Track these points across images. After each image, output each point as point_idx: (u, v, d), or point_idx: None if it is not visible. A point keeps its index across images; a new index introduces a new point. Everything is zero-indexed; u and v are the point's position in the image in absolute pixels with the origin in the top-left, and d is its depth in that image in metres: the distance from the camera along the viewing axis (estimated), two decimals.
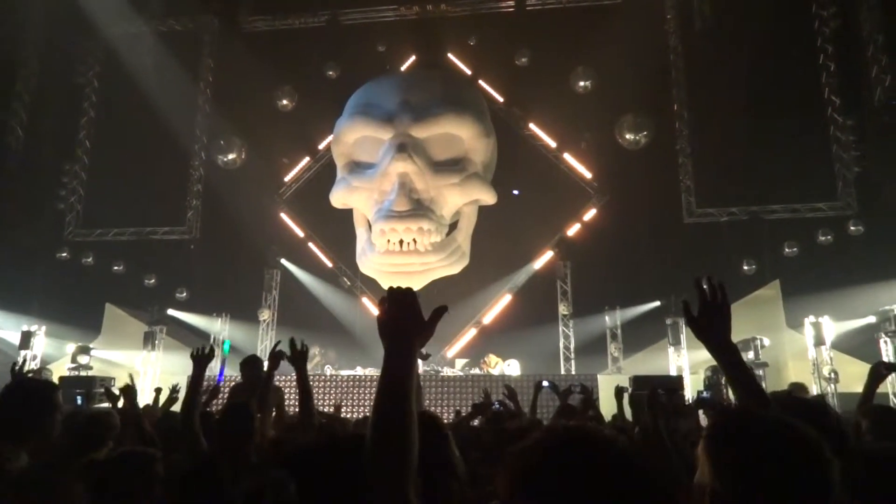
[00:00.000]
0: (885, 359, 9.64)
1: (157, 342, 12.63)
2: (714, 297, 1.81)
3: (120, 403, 4.27)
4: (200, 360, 3.45)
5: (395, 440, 1.23)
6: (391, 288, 1.44)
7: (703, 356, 5.73)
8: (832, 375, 10.34)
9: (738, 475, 1.13)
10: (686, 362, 11.44)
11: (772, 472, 1.09)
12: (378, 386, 1.31)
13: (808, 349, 10.85)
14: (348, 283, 13.59)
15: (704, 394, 8.38)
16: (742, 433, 1.19)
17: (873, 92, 12.18)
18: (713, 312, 1.80)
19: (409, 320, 1.38)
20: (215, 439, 2.93)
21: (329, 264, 13.86)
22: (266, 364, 4.04)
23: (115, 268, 13.69)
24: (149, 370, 12.36)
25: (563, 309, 12.81)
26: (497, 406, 5.06)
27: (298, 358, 3.33)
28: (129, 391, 4.04)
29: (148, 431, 3.63)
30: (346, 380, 11.16)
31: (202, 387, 3.46)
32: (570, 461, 0.93)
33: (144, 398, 7.95)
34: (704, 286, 1.82)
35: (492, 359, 11.78)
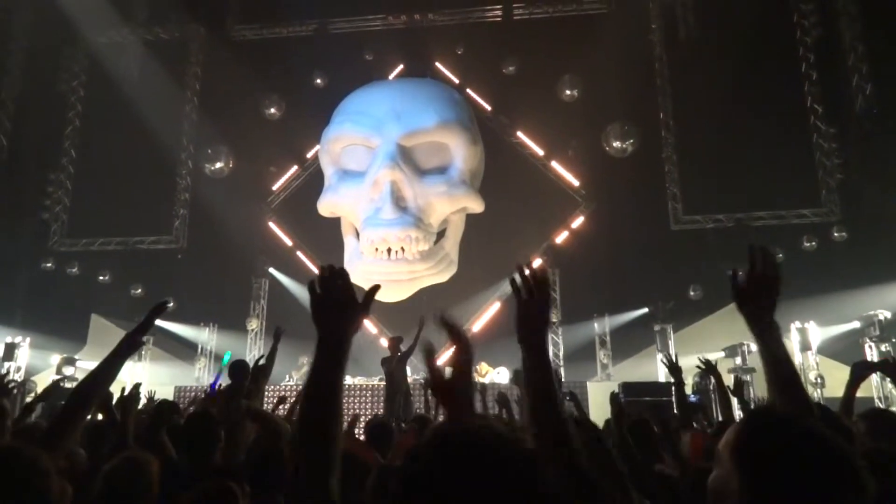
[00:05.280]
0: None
1: (143, 353, 12.50)
2: (766, 269, 1.65)
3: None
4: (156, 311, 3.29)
5: (320, 432, 1.23)
6: (321, 267, 1.45)
7: (692, 363, 5.77)
8: (818, 380, 10.44)
9: (775, 495, 1.05)
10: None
11: (812, 494, 1.03)
12: (307, 377, 1.31)
13: (794, 354, 10.95)
14: None
15: (692, 398, 8.43)
16: (781, 448, 1.08)
17: (854, 100, 12.38)
18: (762, 284, 1.64)
19: (342, 304, 1.39)
20: (181, 447, 2.93)
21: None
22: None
23: (101, 278, 13.54)
24: (135, 381, 12.22)
25: (551, 316, 12.82)
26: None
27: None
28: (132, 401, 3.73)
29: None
30: None
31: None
32: (452, 460, 0.88)
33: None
34: (758, 255, 1.65)
35: (483, 367, 11.77)
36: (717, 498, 1.17)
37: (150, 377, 12.22)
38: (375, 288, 1.47)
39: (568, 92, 13.28)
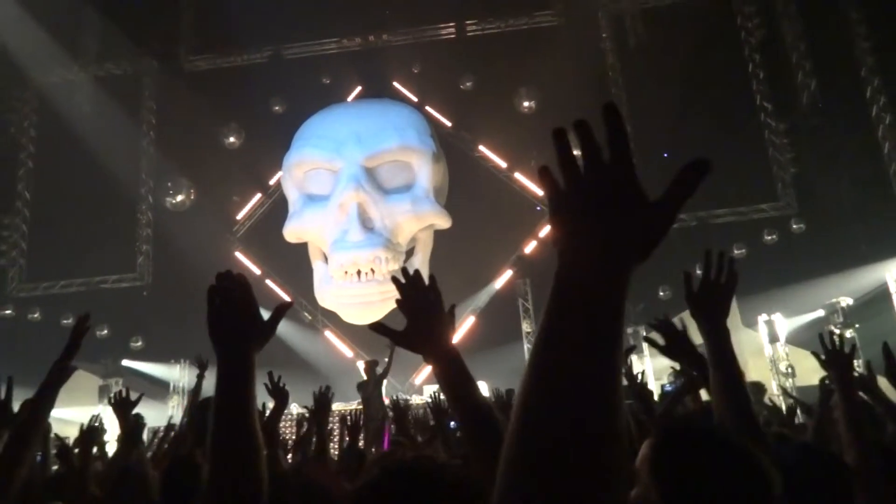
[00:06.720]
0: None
1: (112, 396, 12.14)
2: (719, 275, 1.65)
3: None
4: (122, 405, 3.18)
5: (238, 465, 1.10)
6: (219, 274, 1.23)
7: (665, 363, 5.84)
8: (789, 370, 10.67)
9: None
10: (650, 369, 11.62)
11: (722, 499, 1.08)
12: (214, 402, 1.15)
13: (764, 346, 11.17)
14: (309, 317, 13.38)
15: (667, 386, 8.54)
16: (693, 460, 1.12)
17: (801, 96, 12.82)
18: (714, 290, 1.65)
19: (243, 319, 1.20)
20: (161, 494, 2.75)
21: (288, 300, 13.61)
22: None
23: (65, 321, 13.11)
24: (107, 425, 11.86)
25: (526, 326, 12.89)
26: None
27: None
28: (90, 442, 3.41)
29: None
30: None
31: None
32: (399, 496, 0.88)
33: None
34: (713, 261, 1.65)
35: None
36: None
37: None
38: (286, 305, 1.29)
39: (525, 104, 13.48)
